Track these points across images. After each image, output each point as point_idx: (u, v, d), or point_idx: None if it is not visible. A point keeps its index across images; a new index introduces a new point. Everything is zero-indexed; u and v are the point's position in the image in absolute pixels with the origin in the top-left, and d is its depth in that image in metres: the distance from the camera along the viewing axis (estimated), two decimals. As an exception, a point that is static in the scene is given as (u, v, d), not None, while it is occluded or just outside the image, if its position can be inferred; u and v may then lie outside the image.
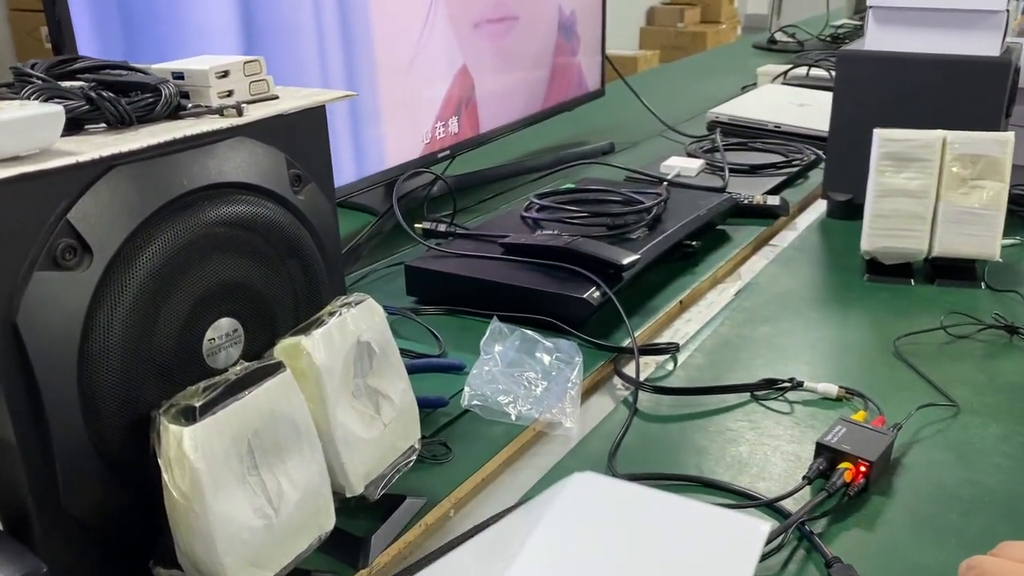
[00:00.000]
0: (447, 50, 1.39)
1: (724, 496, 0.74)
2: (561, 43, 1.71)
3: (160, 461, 0.54)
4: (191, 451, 0.52)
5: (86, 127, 0.59)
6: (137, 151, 0.56)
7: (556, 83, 1.71)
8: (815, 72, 2.14)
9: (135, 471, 0.57)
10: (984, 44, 1.24)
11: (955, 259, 1.13)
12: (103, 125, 0.60)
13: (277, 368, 0.57)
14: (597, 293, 0.98)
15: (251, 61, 0.67)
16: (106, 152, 0.54)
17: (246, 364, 0.57)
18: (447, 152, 1.41)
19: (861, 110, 1.30)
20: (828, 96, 1.80)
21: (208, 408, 0.53)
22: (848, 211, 1.35)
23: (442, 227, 1.20)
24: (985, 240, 1.11)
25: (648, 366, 0.96)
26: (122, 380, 0.56)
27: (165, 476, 0.53)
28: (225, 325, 0.62)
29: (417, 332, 1.00)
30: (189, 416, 0.53)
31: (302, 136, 0.67)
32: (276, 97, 0.68)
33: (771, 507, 0.72)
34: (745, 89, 2.18)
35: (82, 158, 0.53)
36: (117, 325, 0.55)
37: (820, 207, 1.42)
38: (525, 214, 1.21)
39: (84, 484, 0.56)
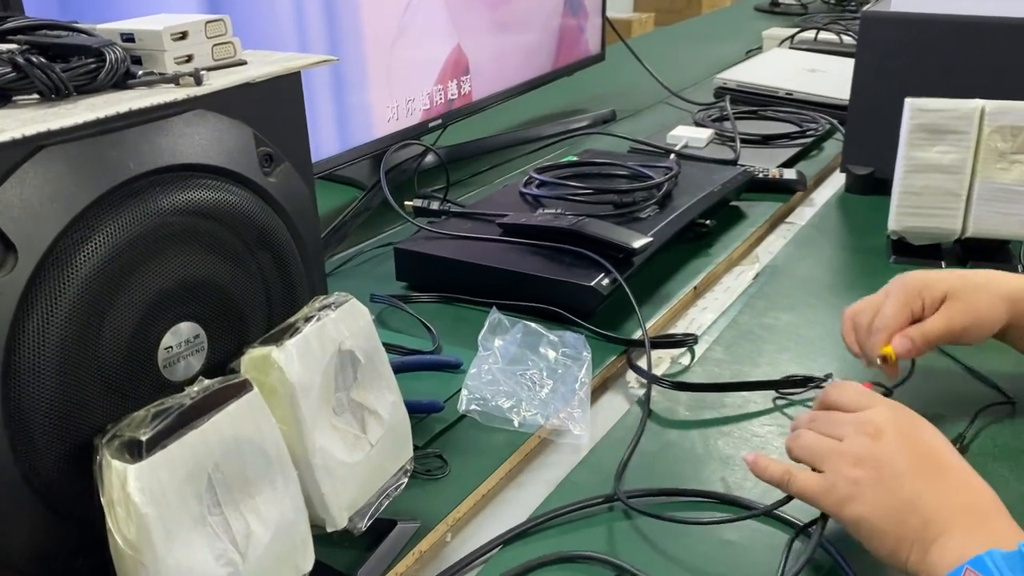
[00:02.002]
0: (443, 8, 1.29)
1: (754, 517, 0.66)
2: (567, 13, 1.61)
3: (103, 500, 0.45)
4: (137, 493, 0.43)
5: (14, 99, 0.50)
6: (71, 128, 0.47)
7: (561, 51, 1.61)
8: (824, 36, 2.04)
9: (81, 506, 0.48)
10: (1021, 4, 1.15)
11: (989, 240, 1.05)
12: (36, 96, 0.50)
13: (242, 388, 0.48)
14: (606, 280, 0.89)
15: (214, 21, 0.58)
16: (31, 130, 0.45)
17: (205, 383, 0.48)
18: (439, 121, 1.31)
19: (885, 77, 1.21)
20: (841, 61, 1.72)
21: (157, 441, 0.44)
22: (869, 186, 1.26)
23: (434, 204, 1.10)
24: (1024, 219, 1.02)
25: (662, 361, 0.87)
26: (60, 400, 0.47)
27: (108, 519, 0.44)
28: (185, 331, 0.53)
29: (408, 323, 0.91)
30: (134, 451, 0.44)
31: (274, 108, 0.59)
32: (244, 63, 0.59)
33: (806, 532, 0.64)
34: (750, 54, 2.09)
35: (1, 137, 0.44)
36: (52, 335, 0.47)
37: (837, 181, 1.33)
38: (524, 190, 1.12)
39: (15, 524, 0.48)
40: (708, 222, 1.10)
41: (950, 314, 0.74)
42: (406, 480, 0.61)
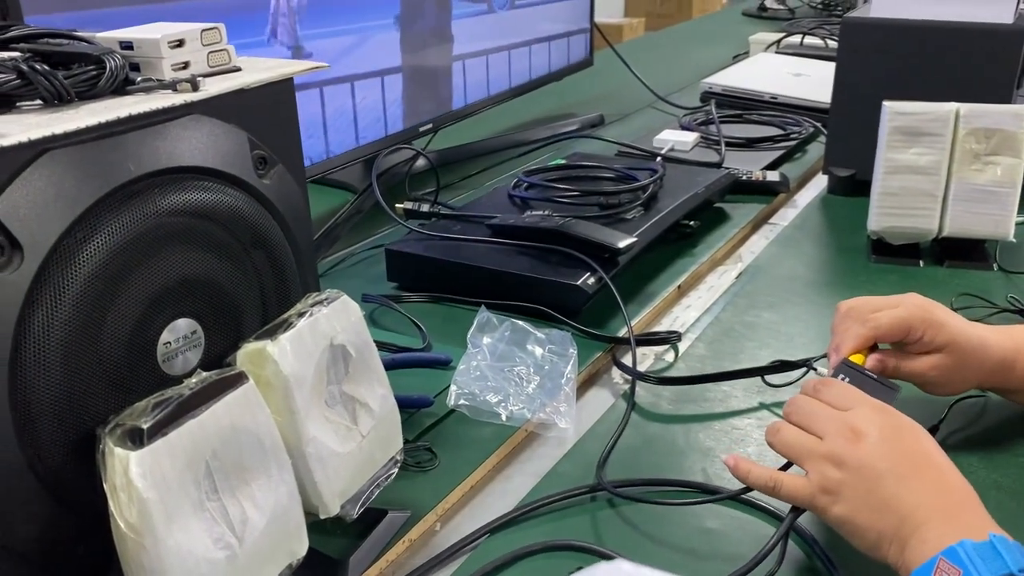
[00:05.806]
0: (433, 14, 1.31)
1: (732, 506, 0.68)
2: (556, 18, 1.63)
3: (106, 486, 0.47)
4: (138, 479, 0.45)
5: (18, 104, 0.52)
6: (74, 133, 0.49)
7: (551, 57, 1.63)
8: (810, 40, 2.08)
9: (83, 494, 0.50)
10: (996, 11, 1.18)
11: (966, 239, 1.08)
12: (39, 102, 0.53)
13: (238, 380, 0.51)
14: (592, 279, 0.92)
15: (209, 29, 0.60)
16: (36, 134, 0.47)
17: (203, 375, 0.50)
18: (429, 125, 1.34)
19: (865, 81, 1.23)
20: (825, 66, 1.74)
21: (158, 429, 0.46)
22: (850, 187, 1.29)
23: (425, 207, 1.13)
24: (999, 219, 1.05)
25: (647, 358, 0.89)
26: (63, 393, 0.49)
27: (111, 504, 0.47)
28: (183, 327, 0.55)
29: (399, 322, 0.93)
30: (136, 438, 0.46)
31: (267, 113, 0.61)
32: (238, 69, 0.61)
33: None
34: (737, 58, 2.12)
35: (7, 141, 0.46)
36: (56, 331, 0.49)
37: (820, 183, 1.36)
38: (513, 192, 1.14)
39: (22, 512, 0.49)
40: (692, 223, 1.13)
41: (937, 366, 0.72)
42: (396, 470, 0.63)
